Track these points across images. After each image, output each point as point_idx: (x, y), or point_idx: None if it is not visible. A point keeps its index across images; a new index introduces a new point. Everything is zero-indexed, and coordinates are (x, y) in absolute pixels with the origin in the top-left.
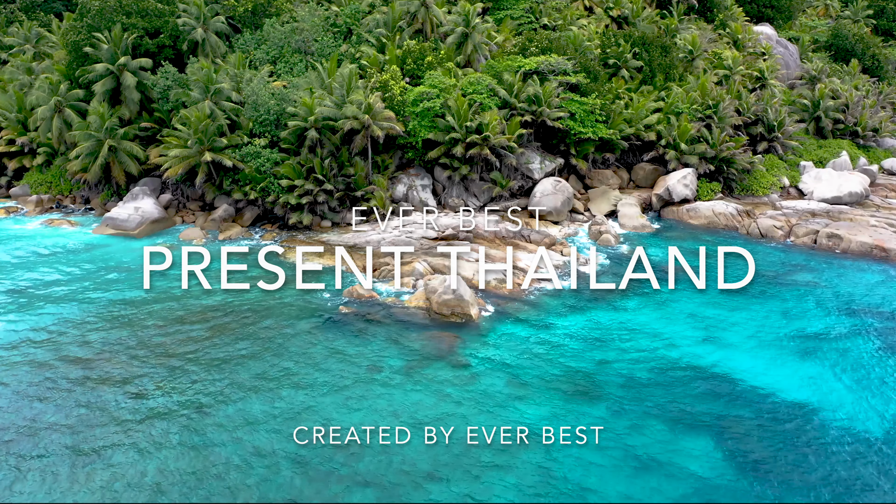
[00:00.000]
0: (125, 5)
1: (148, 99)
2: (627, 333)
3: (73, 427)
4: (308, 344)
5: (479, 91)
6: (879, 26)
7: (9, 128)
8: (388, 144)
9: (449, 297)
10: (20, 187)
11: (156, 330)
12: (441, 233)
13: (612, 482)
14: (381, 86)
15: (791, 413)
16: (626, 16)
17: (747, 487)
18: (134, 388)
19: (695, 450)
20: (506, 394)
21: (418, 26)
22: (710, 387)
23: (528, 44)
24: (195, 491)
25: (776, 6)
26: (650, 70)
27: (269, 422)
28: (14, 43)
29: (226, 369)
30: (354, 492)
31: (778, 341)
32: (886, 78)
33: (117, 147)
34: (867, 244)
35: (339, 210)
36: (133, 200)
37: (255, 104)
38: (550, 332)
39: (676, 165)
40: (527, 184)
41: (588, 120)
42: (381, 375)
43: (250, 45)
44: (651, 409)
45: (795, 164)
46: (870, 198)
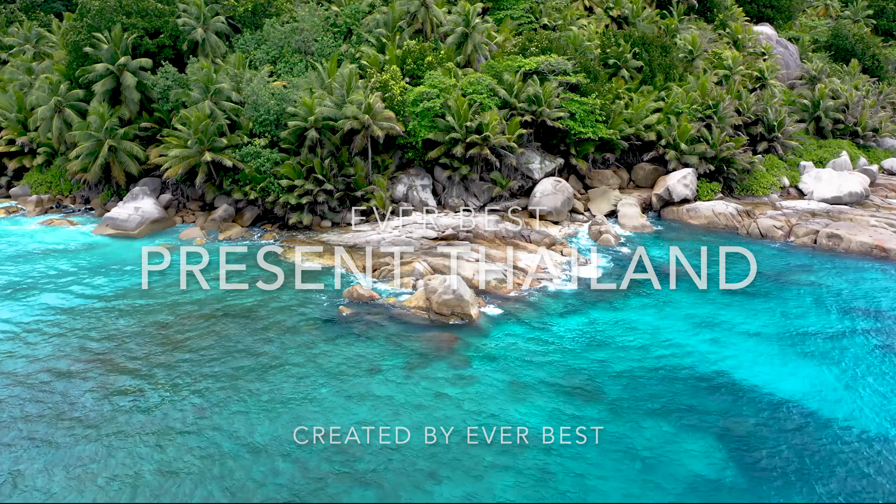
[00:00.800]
0: (125, 5)
1: (148, 99)
2: (627, 333)
3: (71, 427)
4: (308, 344)
5: (479, 91)
6: (879, 26)
7: (9, 128)
8: (388, 144)
9: (449, 298)
10: (20, 187)
11: (155, 330)
12: (441, 233)
13: (612, 482)
14: (381, 86)
15: (791, 412)
16: (626, 16)
17: (747, 487)
18: (133, 388)
19: (695, 449)
20: (506, 394)
21: (418, 26)
22: (711, 386)
23: (528, 44)
24: (195, 491)
25: (776, 6)
26: (650, 70)
27: (269, 422)
28: (14, 43)
29: (225, 369)
30: (354, 492)
31: (778, 341)
32: (886, 78)
33: (117, 147)
34: (867, 244)
35: (339, 210)
36: (133, 200)
37: (255, 104)
38: (550, 332)
39: (676, 165)
40: (527, 184)
41: (588, 120)
42: (381, 375)
43: (250, 45)
44: (651, 409)
45: (795, 164)
46: (870, 198)
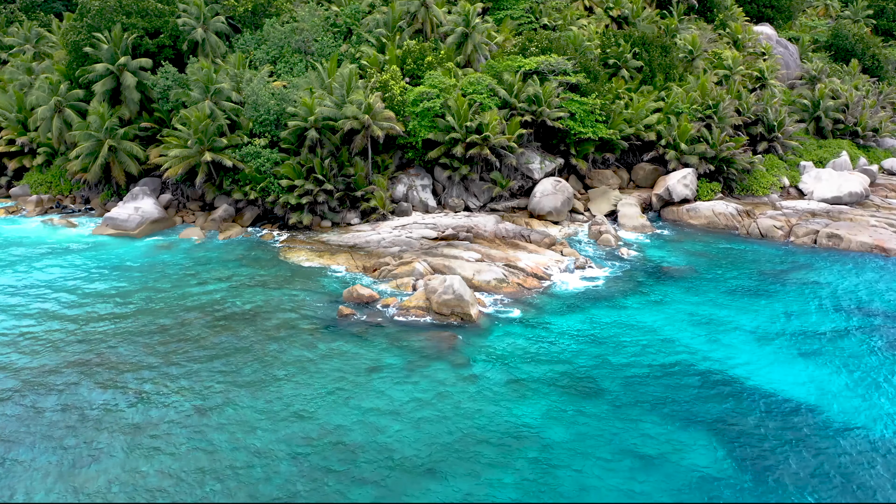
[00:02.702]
0: (125, 5)
1: (148, 99)
2: (627, 332)
3: (70, 426)
4: (308, 344)
5: (479, 91)
6: (879, 26)
7: (9, 128)
8: (388, 144)
9: (449, 298)
10: (20, 187)
11: (154, 330)
12: (441, 233)
13: (611, 481)
14: (381, 86)
15: (791, 412)
16: (626, 16)
17: (747, 486)
18: (132, 387)
19: (695, 448)
20: (506, 392)
21: (418, 26)
22: (711, 385)
23: (528, 44)
24: (194, 490)
25: (776, 6)
26: (650, 70)
27: (269, 421)
28: (14, 43)
29: (225, 369)
30: (354, 490)
31: (778, 340)
32: (886, 78)
33: (117, 147)
34: (867, 244)
35: (339, 210)
36: (133, 200)
37: (255, 104)
38: (550, 331)
39: (676, 165)
40: (527, 184)
41: (588, 120)
42: (380, 374)
43: (250, 45)
44: (651, 408)
45: (795, 164)
46: (870, 198)
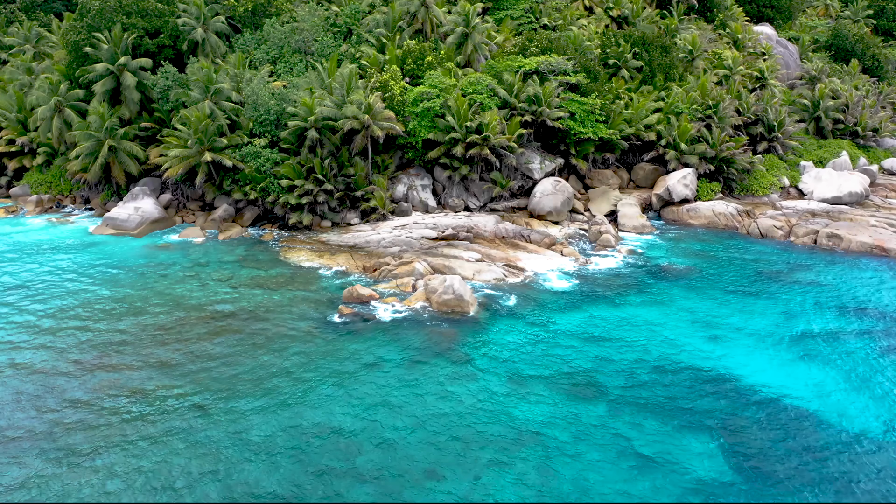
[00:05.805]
0: (125, 5)
1: (148, 99)
2: (627, 332)
3: (70, 425)
4: (308, 343)
5: (479, 91)
6: (879, 26)
7: (9, 128)
8: (388, 144)
9: (449, 297)
10: (20, 187)
11: (154, 330)
12: (441, 233)
13: (611, 480)
14: (381, 86)
15: (791, 412)
16: (626, 16)
17: (747, 486)
18: (132, 386)
19: (695, 448)
20: (506, 392)
21: (418, 26)
22: (711, 385)
23: (528, 44)
24: (194, 489)
25: (776, 6)
26: (650, 70)
27: (269, 419)
28: (14, 43)
29: (225, 368)
30: (354, 488)
31: (778, 340)
32: (886, 78)
33: (117, 147)
34: (867, 244)
35: (339, 210)
36: (133, 200)
37: (255, 104)
38: (550, 330)
39: (676, 165)
40: (527, 184)
41: (588, 120)
42: (381, 374)
43: (250, 45)
44: (651, 407)
45: (795, 164)
46: (870, 198)
